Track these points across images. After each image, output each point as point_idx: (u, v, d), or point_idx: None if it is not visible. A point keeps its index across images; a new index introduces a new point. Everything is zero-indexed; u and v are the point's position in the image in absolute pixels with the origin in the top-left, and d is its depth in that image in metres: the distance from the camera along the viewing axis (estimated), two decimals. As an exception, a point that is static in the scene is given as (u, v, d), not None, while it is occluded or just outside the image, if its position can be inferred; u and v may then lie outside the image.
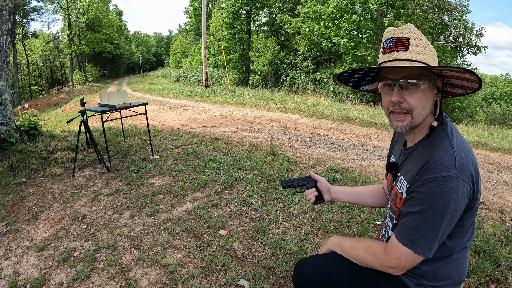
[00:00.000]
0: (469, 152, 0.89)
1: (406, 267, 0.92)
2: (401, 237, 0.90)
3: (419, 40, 0.89)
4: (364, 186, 1.38)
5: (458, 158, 0.84)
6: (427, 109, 0.92)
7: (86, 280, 1.82)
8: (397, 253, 0.91)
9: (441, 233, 0.86)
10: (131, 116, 5.38)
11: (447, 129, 0.92)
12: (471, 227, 0.95)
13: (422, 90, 0.89)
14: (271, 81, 21.33)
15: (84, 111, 3.45)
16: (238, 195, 2.92)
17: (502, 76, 62.96)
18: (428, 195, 0.84)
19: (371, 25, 15.64)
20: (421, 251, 0.87)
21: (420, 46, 0.88)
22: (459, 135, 0.93)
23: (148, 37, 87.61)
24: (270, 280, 1.83)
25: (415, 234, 0.88)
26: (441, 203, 0.83)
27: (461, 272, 1.00)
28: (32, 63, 38.86)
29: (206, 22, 15.95)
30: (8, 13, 3.98)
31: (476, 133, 7.22)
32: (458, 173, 0.83)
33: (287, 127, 6.47)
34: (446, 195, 0.82)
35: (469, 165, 0.85)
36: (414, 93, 0.90)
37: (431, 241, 0.86)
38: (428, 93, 0.91)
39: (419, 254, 0.88)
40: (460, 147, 0.87)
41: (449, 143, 0.88)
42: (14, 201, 2.85)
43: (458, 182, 0.82)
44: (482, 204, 2.96)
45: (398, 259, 0.91)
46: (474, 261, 1.94)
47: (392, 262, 0.92)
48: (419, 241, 0.87)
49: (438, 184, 0.83)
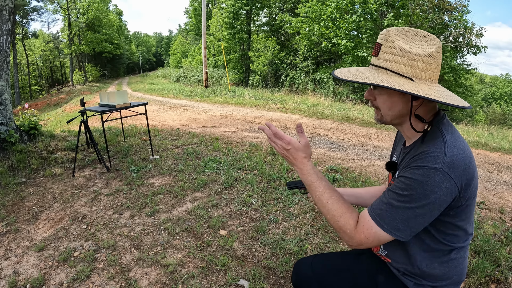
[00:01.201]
0: (464, 151, 0.88)
1: (372, 245, 0.92)
2: (372, 210, 0.91)
3: (390, 48, 0.90)
4: (365, 188, 1.39)
5: (449, 154, 0.84)
6: (395, 111, 0.95)
7: (86, 280, 1.82)
8: (367, 232, 0.90)
9: (413, 220, 0.86)
10: (131, 116, 5.38)
11: (442, 128, 0.92)
12: (467, 225, 0.95)
13: (387, 94, 0.93)
14: (271, 81, 21.33)
15: (84, 111, 3.45)
16: (238, 195, 2.92)
17: (502, 76, 62.99)
18: (411, 180, 0.85)
19: (371, 25, 15.64)
20: (388, 228, 0.87)
21: (390, 54, 0.89)
22: (457, 135, 0.93)
23: (148, 37, 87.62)
24: (270, 280, 1.83)
25: (387, 211, 0.88)
26: (422, 192, 0.83)
27: (460, 272, 1.00)
28: (32, 63, 38.87)
29: (206, 22, 15.95)
30: (8, 13, 3.98)
31: (476, 133, 7.22)
32: (445, 168, 0.83)
33: (287, 127, 6.47)
34: (428, 186, 0.83)
35: (461, 163, 0.85)
36: (380, 95, 0.95)
37: (400, 222, 0.86)
38: (395, 97, 0.93)
39: (385, 231, 0.88)
40: (454, 145, 0.87)
41: (442, 139, 0.88)
42: (14, 201, 2.85)
43: (443, 176, 0.82)
44: (482, 204, 2.97)
45: (366, 238, 0.90)
46: (474, 261, 1.94)
47: (360, 240, 0.92)
48: (388, 219, 0.87)
49: (423, 173, 0.84)
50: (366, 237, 0.91)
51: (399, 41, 0.90)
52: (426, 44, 0.91)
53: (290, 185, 1.39)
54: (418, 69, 0.88)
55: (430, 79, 0.90)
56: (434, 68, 0.89)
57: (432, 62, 0.88)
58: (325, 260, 1.18)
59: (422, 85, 0.88)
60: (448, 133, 0.91)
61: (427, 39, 0.93)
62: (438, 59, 0.90)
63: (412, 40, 0.92)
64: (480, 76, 46.14)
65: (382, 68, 0.91)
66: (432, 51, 0.88)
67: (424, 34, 0.93)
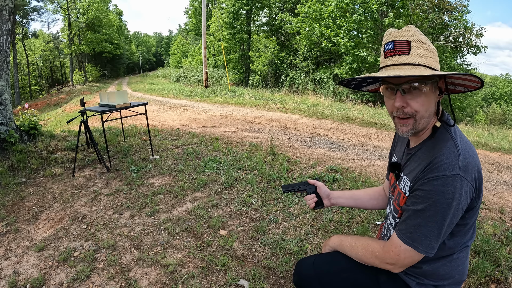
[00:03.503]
0: (473, 152, 0.89)
1: (405, 264, 0.92)
2: (402, 235, 0.91)
3: (420, 42, 0.88)
4: (363, 190, 1.39)
5: (462, 157, 0.85)
6: (430, 111, 0.92)
7: (86, 280, 1.82)
8: (396, 250, 0.91)
9: (443, 232, 0.87)
10: (131, 116, 5.38)
11: (450, 129, 0.92)
12: (472, 226, 0.96)
13: (424, 93, 0.89)
14: (271, 81, 21.33)
15: (84, 111, 3.45)
16: (238, 195, 2.92)
17: (502, 76, 63.05)
18: (431, 193, 0.85)
19: (371, 25, 15.63)
20: (423, 249, 0.88)
21: (422, 49, 0.88)
22: (462, 135, 0.93)
23: (148, 37, 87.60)
24: (270, 280, 1.83)
25: (416, 232, 0.88)
26: (444, 202, 0.83)
27: (462, 271, 1.00)
28: (32, 63, 38.87)
29: (206, 22, 15.94)
30: (8, 13, 3.98)
31: (476, 133, 7.22)
32: (462, 173, 0.83)
33: (287, 127, 6.47)
34: (449, 194, 0.83)
35: (473, 165, 0.86)
36: (417, 97, 0.89)
37: (433, 239, 0.86)
38: (430, 95, 0.90)
39: (420, 252, 0.88)
40: (464, 147, 0.88)
41: (453, 143, 0.88)
42: (14, 201, 2.85)
43: (462, 182, 0.83)
44: (482, 204, 2.97)
45: (397, 255, 0.91)
46: (474, 261, 1.94)
47: (391, 259, 0.93)
48: (421, 239, 0.87)
49: (442, 183, 0.83)
50: (397, 254, 0.92)
51: (423, 38, 0.90)
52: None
53: (285, 188, 1.40)
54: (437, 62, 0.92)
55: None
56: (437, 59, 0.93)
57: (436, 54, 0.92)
58: (327, 260, 1.18)
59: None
60: (457, 135, 0.91)
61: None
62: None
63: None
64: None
65: (420, 65, 0.87)
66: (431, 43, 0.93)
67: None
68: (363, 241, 1.05)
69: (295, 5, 21.19)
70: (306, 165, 3.78)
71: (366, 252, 1.01)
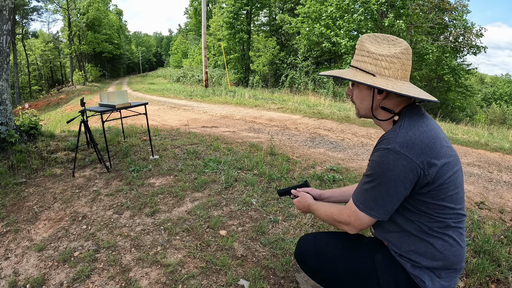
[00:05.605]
0: (425, 132, 0.98)
1: (356, 225, 1.05)
2: (354, 198, 1.06)
3: (360, 50, 1.07)
4: (353, 185, 1.45)
5: (401, 135, 0.96)
6: (365, 104, 1.11)
7: (86, 280, 1.82)
8: (348, 211, 1.06)
9: (384, 199, 0.97)
10: (131, 116, 5.38)
11: (407, 115, 1.03)
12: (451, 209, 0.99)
13: (358, 89, 1.12)
14: (271, 81, 21.32)
15: (84, 111, 3.45)
16: (238, 195, 2.92)
17: (502, 76, 63.06)
18: (372, 162, 1.00)
19: (371, 25, 15.63)
20: (363, 209, 1.01)
21: (360, 55, 1.07)
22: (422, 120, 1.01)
23: (148, 37, 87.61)
24: (270, 280, 1.83)
25: (360, 195, 1.03)
26: (380, 171, 0.97)
27: (457, 253, 1.02)
28: (32, 63, 38.87)
29: (206, 22, 15.94)
30: (8, 13, 3.98)
31: (476, 133, 7.22)
32: (397, 147, 0.94)
33: (287, 127, 6.47)
34: (384, 164, 0.95)
35: (417, 142, 0.95)
36: (354, 91, 1.14)
37: (371, 201, 1.00)
38: (364, 92, 1.10)
39: (362, 212, 1.02)
40: (410, 127, 0.98)
41: (399, 124, 1.01)
42: (14, 201, 2.85)
43: (396, 155, 0.94)
44: (482, 204, 2.97)
45: (348, 217, 1.06)
46: (474, 261, 1.94)
47: (344, 220, 1.08)
48: (362, 201, 1.02)
49: (379, 154, 0.98)
50: (349, 215, 1.06)
51: (368, 45, 1.06)
52: (392, 47, 1.05)
53: (281, 192, 1.49)
54: (382, 67, 1.03)
55: (394, 76, 1.02)
56: (398, 66, 1.02)
57: (395, 62, 1.02)
58: (328, 236, 1.30)
59: (382, 80, 1.01)
60: (411, 119, 1.01)
61: (394, 42, 1.07)
62: (402, 59, 1.02)
63: (380, 44, 1.07)
64: (480, 76, 46.12)
65: (354, 67, 1.08)
66: (396, 52, 1.02)
67: (392, 39, 1.08)
68: (328, 207, 1.21)
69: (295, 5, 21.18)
70: (306, 165, 3.78)
71: (327, 216, 1.17)
